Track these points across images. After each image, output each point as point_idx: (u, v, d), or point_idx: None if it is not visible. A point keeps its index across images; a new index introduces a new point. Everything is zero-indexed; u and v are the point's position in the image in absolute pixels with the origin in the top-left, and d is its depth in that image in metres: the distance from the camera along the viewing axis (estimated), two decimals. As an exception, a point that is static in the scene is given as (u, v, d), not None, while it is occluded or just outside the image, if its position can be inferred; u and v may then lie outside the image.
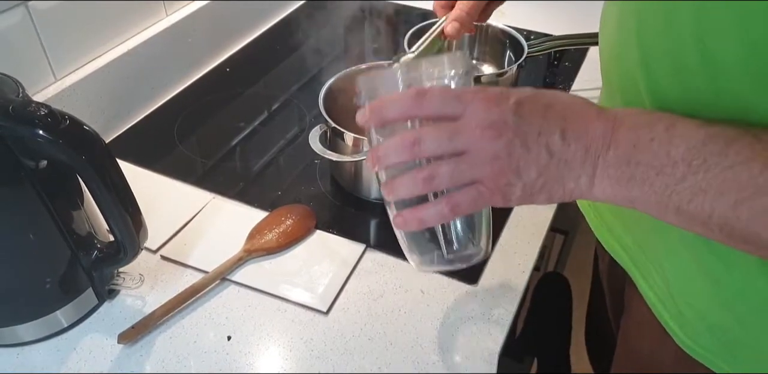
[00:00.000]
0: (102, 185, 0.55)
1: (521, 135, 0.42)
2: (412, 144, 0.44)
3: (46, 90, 0.80)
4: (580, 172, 0.42)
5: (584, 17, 1.13)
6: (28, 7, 0.74)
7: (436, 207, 0.45)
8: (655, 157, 0.40)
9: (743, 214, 0.38)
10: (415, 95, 0.44)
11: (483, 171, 0.43)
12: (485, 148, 0.43)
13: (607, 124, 0.42)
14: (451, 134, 0.43)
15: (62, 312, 0.63)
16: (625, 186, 0.41)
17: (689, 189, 0.39)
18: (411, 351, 0.63)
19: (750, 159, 0.37)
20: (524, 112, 0.42)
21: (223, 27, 1.06)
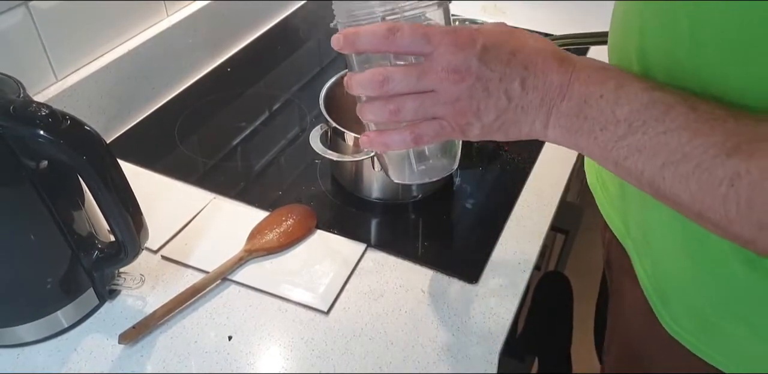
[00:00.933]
0: (103, 185, 0.55)
1: (483, 80, 0.45)
2: (382, 82, 0.47)
3: (47, 90, 0.80)
4: (535, 118, 0.46)
5: (585, 17, 1.13)
6: (29, 7, 0.74)
7: (401, 135, 0.50)
8: (602, 114, 0.43)
9: (668, 176, 0.41)
10: (386, 30, 0.46)
11: (445, 110, 0.47)
12: (448, 90, 0.46)
13: (565, 76, 0.45)
14: (419, 74, 0.46)
15: (63, 313, 0.63)
16: (574, 136, 0.45)
17: (627, 147, 0.42)
18: (412, 351, 0.63)
19: (682, 127, 0.40)
20: (489, 58, 0.45)
21: (224, 27, 1.07)
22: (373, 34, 0.46)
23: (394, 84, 0.47)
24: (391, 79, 0.47)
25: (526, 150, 0.88)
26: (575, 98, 0.44)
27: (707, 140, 0.39)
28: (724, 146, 0.39)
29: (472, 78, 0.45)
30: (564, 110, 0.45)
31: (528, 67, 0.45)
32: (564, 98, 0.45)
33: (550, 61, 0.45)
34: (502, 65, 0.45)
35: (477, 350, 0.63)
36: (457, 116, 0.47)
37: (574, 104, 0.44)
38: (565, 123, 0.45)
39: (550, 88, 0.45)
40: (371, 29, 0.47)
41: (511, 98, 0.46)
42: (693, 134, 0.40)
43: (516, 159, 0.87)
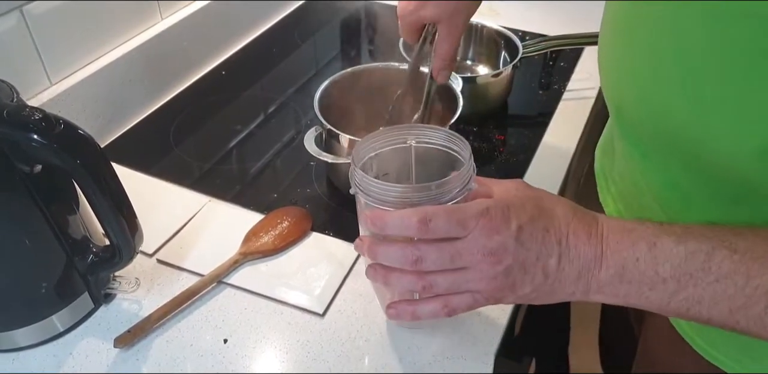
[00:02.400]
0: (97, 189, 0.55)
1: (520, 260, 0.45)
2: (414, 262, 0.46)
3: (41, 94, 0.80)
4: (574, 289, 0.46)
5: (579, 17, 1.14)
6: (22, 12, 0.74)
7: (433, 307, 0.49)
8: (645, 275, 0.43)
9: (741, 320, 0.41)
10: (419, 220, 0.45)
11: (480, 286, 0.47)
12: (485, 270, 0.46)
13: (597, 247, 0.45)
14: (453, 256, 0.46)
15: (58, 317, 0.63)
16: (623, 299, 0.45)
17: (684, 301, 0.42)
18: (407, 352, 0.63)
19: (732, 272, 0.40)
20: (524, 238, 0.45)
21: (219, 30, 1.07)
22: (403, 222, 0.46)
23: (428, 264, 0.46)
24: (424, 259, 0.46)
25: (522, 152, 0.89)
26: (612, 267, 0.44)
27: (764, 279, 0.39)
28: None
29: (509, 259, 0.45)
30: (604, 279, 0.45)
31: (561, 242, 0.45)
32: (601, 268, 0.44)
33: (580, 233, 0.45)
34: (537, 244, 0.45)
35: (473, 351, 0.63)
36: (493, 291, 0.47)
37: (613, 273, 0.44)
38: (610, 291, 0.45)
39: (585, 261, 0.45)
40: (402, 217, 0.46)
41: (548, 274, 0.46)
42: (746, 276, 0.40)
43: (511, 161, 0.87)
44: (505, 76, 0.93)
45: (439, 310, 0.49)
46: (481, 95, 0.92)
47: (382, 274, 0.49)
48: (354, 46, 1.16)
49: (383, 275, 0.49)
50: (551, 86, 1.02)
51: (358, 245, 0.50)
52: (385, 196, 0.48)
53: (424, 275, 0.47)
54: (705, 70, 0.41)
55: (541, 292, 0.46)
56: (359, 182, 0.50)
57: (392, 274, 0.48)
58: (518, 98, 1.00)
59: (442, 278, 0.47)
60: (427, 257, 0.46)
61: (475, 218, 0.45)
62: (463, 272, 0.46)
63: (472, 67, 1.04)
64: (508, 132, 0.94)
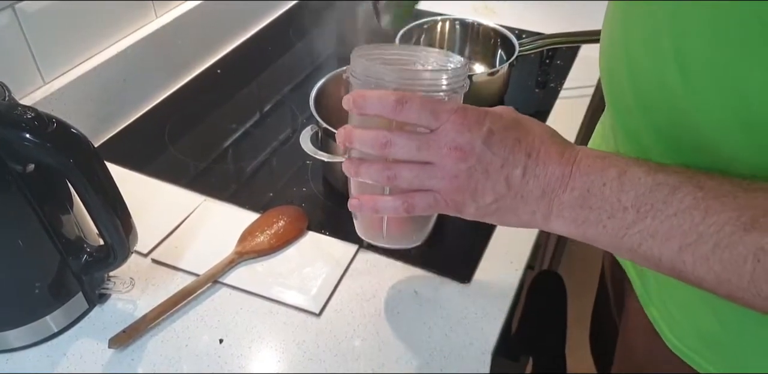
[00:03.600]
0: (90, 189, 0.54)
1: (484, 163, 0.45)
2: (383, 145, 0.47)
3: (33, 93, 0.79)
4: (535, 208, 0.46)
5: (576, 15, 1.14)
6: (15, 10, 0.74)
7: (394, 203, 0.50)
8: (607, 202, 0.43)
9: (688, 259, 0.40)
10: (395, 100, 0.46)
11: (441, 184, 0.47)
12: (448, 166, 0.46)
13: (566, 167, 0.44)
14: (420, 145, 0.46)
15: (52, 317, 0.62)
16: (580, 226, 0.44)
17: (638, 234, 0.42)
18: (404, 352, 0.62)
19: (692, 207, 0.39)
20: (493, 141, 0.45)
21: (214, 29, 1.06)
22: (381, 101, 0.46)
23: (396, 149, 0.47)
24: (393, 143, 0.47)
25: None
26: (578, 189, 0.44)
27: (720, 217, 0.38)
28: (739, 222, 0.38)
29: (473, 158, 0.45)
30: (567, 202, 0.44)
31: (531, 155, 0.45)
32: (566, 189, 0.44)
33: (552, 152, 0.45)
34: (505, 151, 0.45)
35: (470, 350, 0.63)
36: (453, 192, 0.47)
37: (577, 195, 0.44)
38: (570, 214, 0.44)
39: (551, 179, 0.45)
40: (380, 95, 0.47)
41: (510, 185, 0.45)
42: (704, 212, 0.39)
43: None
44: (501, 75, 0.93)
45: (399, 205, 0.49)
46: (477, 93, 0.92)
47: (354, 164, 0.50)
48: (349, 44, 1.16)
49: (355, 165, 0.50)
50: (548, 85, 1.02)
51: (339, 133, 0.51)
52: (378, 78, 0.49)
53: (391, 166, 0.48)
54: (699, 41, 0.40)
55: (502, 205, 0.46)
56: (355, 66, 0.51)
57: (363, 163, 0.50)
58: (515, 96, 0.99)
59: (407, 170, 0.48)
60: (396, 141, 0.47)
61: (448, 112, 0.46)
62: (428, 167, 0.47)
63: (469, 65, 1.04)
64: (504, 130, 0.94)
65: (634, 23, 0.46)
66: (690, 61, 0.41)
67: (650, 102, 0.46)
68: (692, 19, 0.40)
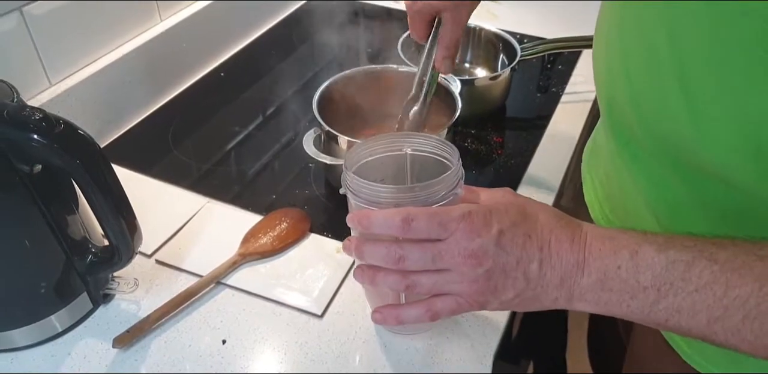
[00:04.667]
0: (97, 190, 0.55)
1: (500, 264, 0.46)
2: (397, 260, 0.47)
3: (40, 95, 0.80)
4: (557, 295, 0.46)
5: (577, 20, 1.14)
6: (22, 13, 0.74)
7: (417, 311, 0.50)
8: (626, 284, 0.43)
9: (719, 331, 0.41)
10: (402, 219, 0.46)
11: (461, 288, 0.47)
12: (465, 273, 0.46)
13: (579, 254, 0.45)
14: (434, 257, 0.46)
15: (57, 317, 0.63)
16: (604, 307, 0.45)
17: (664, 310, 0.42)
18: (405, 354, 0.63)
19: (711, 282, 0.40)
20: (505, 242, 0.46)
21: (218, 32, 1.07)
22: (387, 222, 0.47)
23: (410, 263, 0.47)
24: (406, 258, 0.47)
25: (520, 154, 0.89)
26: (594, 274, 0.44)
27: (743, 290, 0.39)
28: (762, 292, 0.39)
29: (489, 262, 0.45)
30: (586, 286, 0.45)
31: (543, 248, 0.46)
32: (583, 274, 0.45)
33: (563, 240, 0.46)
34: (518, 249, 0.46)
35: (471, 353, 0.63)
36: (475, 294, 0.47)
37: (595, 279, 0.44)
38: (592, 298, 0.45)
39: (567, 267, 0.45)
40: (385, 216, 0.47)
41: (529, 279, 0.46)
42: (725, 286, 0.40)
43: (509, 163, 0.88)
44: (503, 79, 0.93)
45: (422, 314, 0.49)
46: (479, 97, 0.93)
47: (368, 274, 0.50)
48: (352, 48, 1.16)
49: (370, 275, 0.50)
50: (549, 89, 1.03)
51: (346, 245, 0.51)
52: (373, 196, 0.50)
53: (408, 275, 0.48)
54: (702, 69, 0.40)
55: (524, 298, 0.47)
56: (350, 183, 0.51)
57: (378, 273, 0.49)
58: (516, 100, 1.00)
59: (425, 278, 0.48)
60: (410, 256, 0.47)
61: (456, 221, 0.46)
62: (445, 273, 0.47)
63: (471, 69, 1.05)
64: (506, 135, 0.95)
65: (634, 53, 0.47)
66: (694, 90, 0.41)
67: (656, 130, 0.46)
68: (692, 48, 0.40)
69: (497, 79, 0.93)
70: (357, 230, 0.50)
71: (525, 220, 0.47)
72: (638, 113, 0.48)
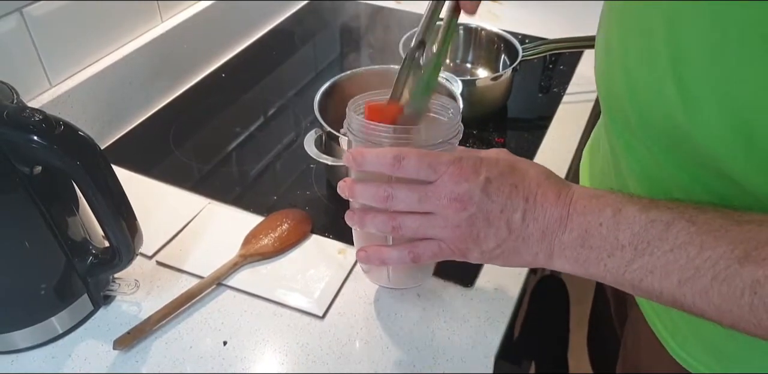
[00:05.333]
0: (97, 191, 0.55)
1: (484, 211, 0.47)
2: (385, 199, 0.49)
3: (41, 96, 0.80)
4: (537, 249, 0.47)
5: (579, 20, 1.14)
6: (22, 14, 0.74)
7: (400, 253, 0.52)
8: (605, 241, 0.44)
9: (687, 293, 0.41)
10: (393, 157, 0.47)
11: (444, 233, 0.49)
12: (449, 216, 0.47)
13: (563, 209, 0.46)
14: (420, 197, 0.48)
15: (57, 319, 0.62)
16: (582, 265, 0.46)
17: (638, 270, 0.43)
18: (407, 355, 0.63)
19: (686, 243, 0.41)
20: (491, 189, 0.46)
21: (219, 33, 1.07)
22: (379, 159, 0.48)
23: (397, 202, 0.49)
24: (394, 197, 0.48)
25: (522, 151, 0.88)
26: (576, 229, 0.45)
27: (715, 251, 0.39)
28: (733, 255, 0.39)
29: (473, 208, 0.46)
30: (567, 242, 0.46)
31: (528, 199, 0.47)
32: (565, 230, 0.46)
33: (549, 194, 0.47)
34: (503, 197, 0.46)
35: (473, 354, 0.63)
36: (457, 240, 0.48)
37: (576, 236, 0.45)
38: (571, 254, 0.46)
39: (550, 221, 0.46)
40: (378, 154, 0.48)
41: (512, 229, 0.47)
42: (699, 247, 0.40)
43: (511, 163, 0.87)
44: (504, 80, 0.93)
45: (405, 255, 0.51)
46: (480, 98, 0.92)
47: (358, 215, 0.52)
48: (354, 48, 1.16)
49: (359, 217, 0.52)
50: (551, 89, 1.03)
51: (341, 186, 0.52)
52: (372, 136, 0.51)
53: (395, 216, 0.50)
54: (696, 56, 0.40)
55: (505, 248, 0.48)
56: (351, 123, 0.52)
57: (367, 215, 0.51)
58: (518, 101, 1.00)
59: (410, 220, 0.49)
60: (397, 195, 0.48)
61: (445, 164, 0.47)
62: (430, 216, 0.48)
63: (472, 70, 1.04)
64: (507, 135, 0.94)
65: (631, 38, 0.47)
66: (688, 78, 0.41)
67: (650, 118, 0.47)
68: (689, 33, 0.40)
69: (499, 79, 0.93)
70: (351, 167, 0.51)
71: (513, 172, 0.48)
72: (633, 101, 0.48)
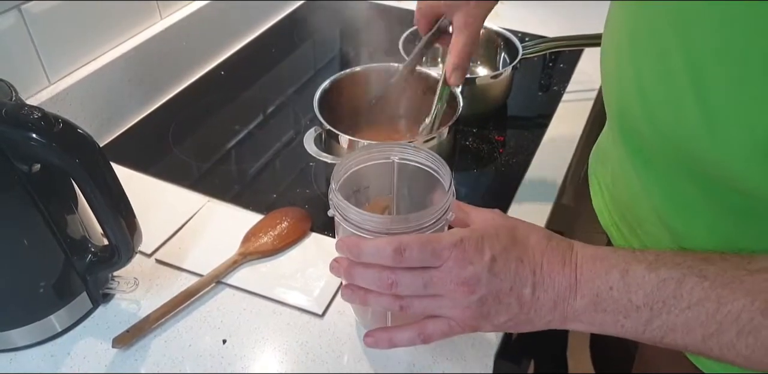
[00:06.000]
0: (96, 189, 0.54)
1: (494, 291, 0.46)
2: (389, 285, 0.47)
3: (39, 94, 0.80)
4: (550, 318, 0.47)
5: (579, 19, 1.14)
6: (21, 11, 0.74)
7: (409, 334, 0.50)
8: (619, 304, 0.44)
9: (714, 347, 0.41)
10: (393, 250, 0.46)
11: (454, 313, 0.48)
12: (458, 299, 0.47)
13: (571, 275, 0.45)
14: (426, 283, 0.47)
15: (56, 317, 0.62)
16: (599, 327, 0.46)
17: (658, 329, 0.43)
18: (406, 354, 0.63)
19: (703, 299, 0.41)
20: (497, 269, 0.46)
21: (218, 30, 1.06)
22: (378, 252, 0.47)
23: (402, 288, 0.47)
24: (399, 284, 0.47)
25: (521, 153, 0.89)
26: (587, 295, 0.45)
27: (734, 305, 0.39)
28: (754, 307, 0.39)
29: (482, 290, 0.46)
30: (580, 308, 0.45)
31: (535, 271, 0.46)
32: (576, 296, 0.45)
33: (554, 262, 0.46)
34: (511, 274, 0.46)
35: (472, 352, 0.63)
36: (468, 319, 0.48)
37: (588, 301, 0.45)
38: (586, 319, 0.45)
39: (560, 290, 0.45)
40: (377, 247, 0.47)
41: (522, 303, 0.46)
42: (717, 303, 0.40)
43: (510, 161, 0.87)
44: (504, 78, 0.93)
45: (415, 337, 0.50)
46: (480, 96, 0.92)
47: (359, 295, 0.50)
48: (353, 46, 1.16)
49: (361, 296, 0.50)
50: (551, 88, 1.02)
51: (333, 267, 0.51)
52: (363, 224, 0.49)
53: (403, 298, 0.48)
54: (717, 76, 0.40)
55: (518, 321, 0.47)
56: (337, 206, 0.51)
57: (370, 294, 0.50)
58: (518, 99, 1.00)
59: (417, 301, 0.48)
60: (402, 282, 0.47)
61: (449, 249, 0.46)
62: (438, 298, 0.47)
63: (472, 68, 1.04)
64: (507, 133, 0.94)
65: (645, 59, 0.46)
66: (711, 99, 0.41)
67: (669, 139, 0.46)
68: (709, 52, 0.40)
69: (498, 77, 0.92)
70: (345, 255, 0.50)
71: (516, 244, 0.47)
72: (651, 123, 0.47)
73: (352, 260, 0.50)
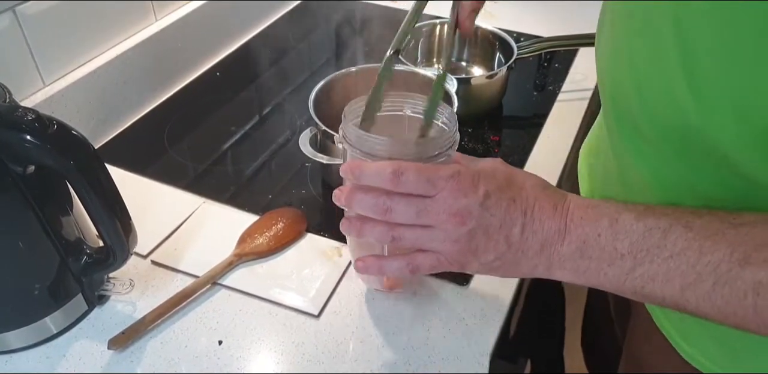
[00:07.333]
0: (90, 190, 0.54)
1: (483, 225, 0.47)
2: (384, 211, 0.48)
3: (34, 96, 0.79)
4: (536, 261, 0.47)
5: (574, 18, 1.14)
6: (15, 12, 0.74)
7: (399, 264, 0.51)
8: (604, 251, 0.44)
9: (690, 297, 0.42)
10: (392, 172, 0.47)
11: (443, 246, 0.48)
12: (448, 230, 0.47)
13: (561, 220, 0.46)
14: (419, 212, 0.48)
15: (51, 319, 0.62)
16: (582, 275, 0.46)
17: (639, 278, 0.43)
18: (403, 353, 0.63)
19: (685, 249, 0.41)
20: (490, 204, 0.46)
21: (213, 31, 1.06)
22: (378, 174, 0.48)
23: (396, 215, 0.48)
24: (393, 210, 0.48)
25: (517, 153, 0.89)
26: (575, 241, 0.45)
27: (714, 255, 0.40)
28: (733, 258, 0.39)
29: (472, 222, 0.46)
30: (566, 254, 0.46)
31: (526, 212, 0.47)
32: (563, 242, 0.46)
33: (546, 207, 0.47)
34: (502, 211, 0.47)
35: (468, 352, 0.63)
36: (456, 253, 0.48)
37: (575, 247, 0.45)
38: (571, 265, 0.46)
39: (549, 234, 0.46)
40: (377, 168, 0.48)
41: (511, 243, 0.47)
42: (698, 253, 0.41)
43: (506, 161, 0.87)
44: (499, 78, 0.93)
45: (403, 266, 0.51)
46: (475, 96, 0.92)
47: (356, 225, 0.51)
48: (349, 47, 1.16)
49: (357, 226, 0.51)
50: (546, 87, 1.03)
51: (336, 195, 0.52)
52: (369, 148, 0.51)
53: (394, 227, 0.49)
54: (707, 54, 0.40)
55: (504, 261, 0.48)
56: (347, 134, 0.52)
57: (366, 224, 0.51)
58: (513, 99, 1.00)
59: (409, 232, 0.49)
60: (396, 208, 0.48)
61: (444, 179, 0.47)
62: (429, 230, 0.48)
63: (467, 68, 1.04)
64: (503, 133, 0.94)
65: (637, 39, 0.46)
66: (699, 77, 0.41)
67: (660, 118, 0.46)
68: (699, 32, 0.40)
69: (494, 77, 0.93)
70: (349, 180, 0.51)
71: (511, 185, 0.48)
72: (643, 102, 0.47)
73: (353, 187, 0.51)
